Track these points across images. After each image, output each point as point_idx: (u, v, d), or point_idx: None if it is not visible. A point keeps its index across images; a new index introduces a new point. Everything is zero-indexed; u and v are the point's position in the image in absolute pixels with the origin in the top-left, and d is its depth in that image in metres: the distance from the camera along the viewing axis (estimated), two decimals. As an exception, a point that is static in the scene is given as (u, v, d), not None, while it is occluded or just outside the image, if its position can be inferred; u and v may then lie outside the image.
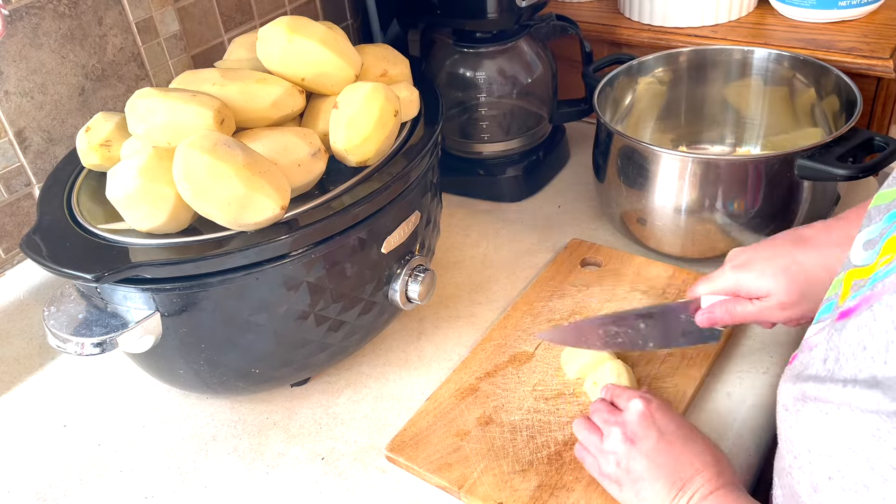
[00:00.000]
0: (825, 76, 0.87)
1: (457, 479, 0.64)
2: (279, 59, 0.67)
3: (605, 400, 0.65)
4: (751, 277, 0.63)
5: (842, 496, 0.42)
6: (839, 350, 0.43)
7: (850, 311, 0.44)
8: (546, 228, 0.95)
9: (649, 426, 0.59)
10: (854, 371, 0.41)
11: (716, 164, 0.78)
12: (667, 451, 0.58)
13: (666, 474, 0.57)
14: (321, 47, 0.67)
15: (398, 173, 0.67)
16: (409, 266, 0.72)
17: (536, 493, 0.62)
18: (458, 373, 0.74)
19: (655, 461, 0.57)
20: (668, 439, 0.58)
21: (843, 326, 0.44)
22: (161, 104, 0.61)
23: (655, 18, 1.05)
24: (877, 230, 0.46)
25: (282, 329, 0.66)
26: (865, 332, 0.41)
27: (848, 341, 0.43)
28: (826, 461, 0.43)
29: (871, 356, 0.40)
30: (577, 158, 1.07)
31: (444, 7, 0.92)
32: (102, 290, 0.63)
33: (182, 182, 0.58)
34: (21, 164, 0.80)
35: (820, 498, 0.44)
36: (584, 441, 0.63)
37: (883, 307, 0.41)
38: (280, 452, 0.70)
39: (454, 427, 0.69)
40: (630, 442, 0.59)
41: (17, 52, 0.76)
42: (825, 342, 0.45)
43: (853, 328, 0.43)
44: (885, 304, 0.40)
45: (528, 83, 0.99)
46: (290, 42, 0.66)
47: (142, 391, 0.78)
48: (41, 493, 0.69)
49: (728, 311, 0.65)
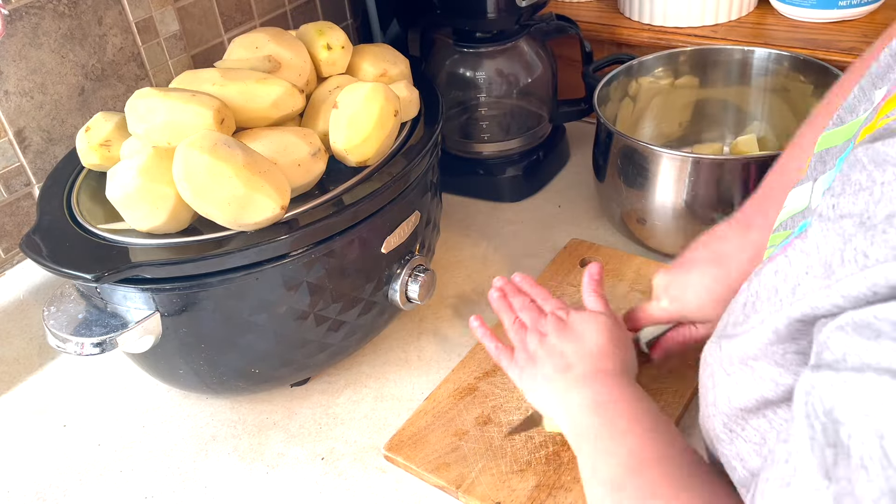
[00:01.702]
0: (825, 76, 0.87)
1: (455, 478, 0.64)
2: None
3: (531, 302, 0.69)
4: (692, 310, 0.64)
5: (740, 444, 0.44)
6: (756, 294, 0.45)
7: (772, 257, 0.45)
8: (546, 228, 0.95)
9: (558, 319, 0.64)
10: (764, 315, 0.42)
11: (716, 164, 0.78)
12: (565, 336, 0.62)
13: (557, 355, 0.61)
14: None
15: (398, 173, 0.67)
16: (409, 266, 0.72)
17: (534, 492, 0.62)
18: (457, 372, 0.74)
19: (553, 346, 0.62)
20: (572, 328, 0.63)
21: (762, 271, 0.45)
22: (161, 104, 0.61)
23: (655, 18, 1.05)
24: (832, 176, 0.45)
25: (282, 329, 0.66)
26: (780, 276, 0.42)
27: (764, 284, 0.44)
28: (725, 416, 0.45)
29: (780, 299, 0.41)
30: (577, 158, 1.07)
31: (444, 7, 0.92)
32: (102, 290, 0.63)
33: (182, 182, 0.58)
34: (21, 163, 0.80)
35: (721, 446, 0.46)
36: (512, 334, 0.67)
37: (796, 252, 0.41)
38: (280, 452, 0.70)
39: (452, 427, 0.69)
40: (540, 333, 0.64)
41: (17, 51, 0.76)
42: (746, 287, 0.47)
43: (770, 272, 0.44)
44: (798, 249, 0.41)
45: (528, 83, 0.99)
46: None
47: (142, 391, 0.78)
48: (41, 493, 0.69)
49: (682, 339, 0.67)
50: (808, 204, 0.46)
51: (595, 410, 0.56)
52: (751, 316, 0.44)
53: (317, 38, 0.74)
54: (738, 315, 0.46)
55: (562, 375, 0.60)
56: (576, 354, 0.61)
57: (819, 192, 0.46)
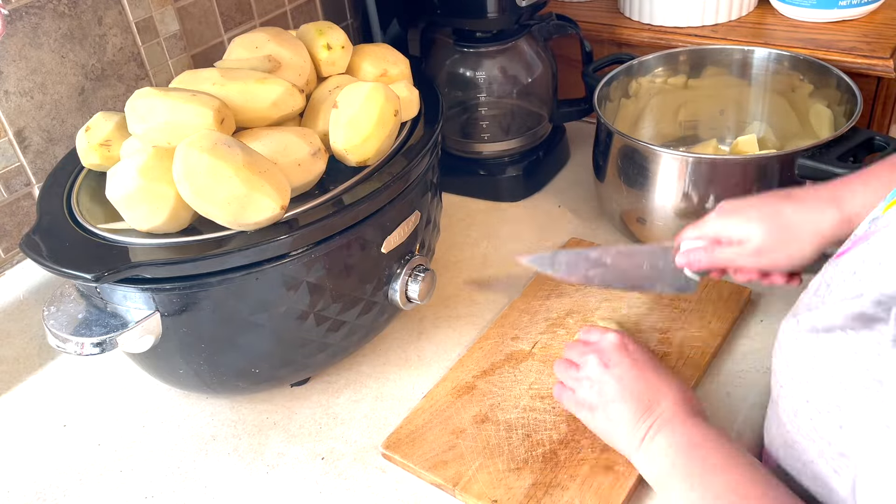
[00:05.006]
0: (825, 76, 0.87)
1: (452, 476, 0.64)
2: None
3: (580, 340, 0.69)
4: (734, 222, 0.65)
5: (817, 418, 0.46)
6: (832, 278, 0.47)
7: (845, 250, 0.47)
8: (546, 228, 0.95)
9: (623, 353, 0.63)
10: (842, 294, 0.44)
11: (716, 164, 0.78)
12: (638, 375, 0.61)
13: (635, 396, 0.60)
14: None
15: (398, 173, 0.67)
16: (409, 266, 0.72)
17: (531, 490, 0.62)
18: (455, 371, 0.74)
19: (626, 384, 0.61)
20: (640, 366, 0.62)
21: (838, 262, 0.47)
22: (161, 104, 0.61)
23: (655, 18, 1.05)
24: None
25: (282, 329, 0.66)
26: (858, 260, 0.44)
27: (841, 269, 0.46)
28: (804, 387, 0.47)
29: (859, 279, 0.43)
30: (577, 158, 1.07)
31: (444, 7, 0.92)
32: (102, 290, 0.63)
33: (182, 182, 0.58)
34: (21, 163, 0.80)
35: (799, 421, 0.48)
36: (561, 375, 0.66)
37: (877, 239, 0.43)
38: (280, 452, 0.70)
39: (450, 425, 0.69)
40: (604, 366, 0.63)
41: (17, 51, 0.76)
42: (820, 276, 0.49)
43: (847, 260, 0.46)
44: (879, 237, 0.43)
45: (528, 83, 0.99)
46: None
47: (142, 391, 0.78)
48: (41, 493, 0.69)
49: (706, 253, 0.67)
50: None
51: (686, 452, 0.56)
52: (826, 297, 0.46)
53: (317, 37, 0.74)
54: (811, 298, 0.48)
55: (646, 418, 0.59)
56: (656, 393, 0.60)
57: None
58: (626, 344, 0.64)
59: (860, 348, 0.43)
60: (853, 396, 0.43)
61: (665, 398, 0.60)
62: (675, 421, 0.58)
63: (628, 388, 0.61)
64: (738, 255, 0.65)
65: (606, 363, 0.63)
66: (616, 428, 0.61)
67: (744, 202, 0.65)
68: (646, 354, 0.64)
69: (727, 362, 0.73)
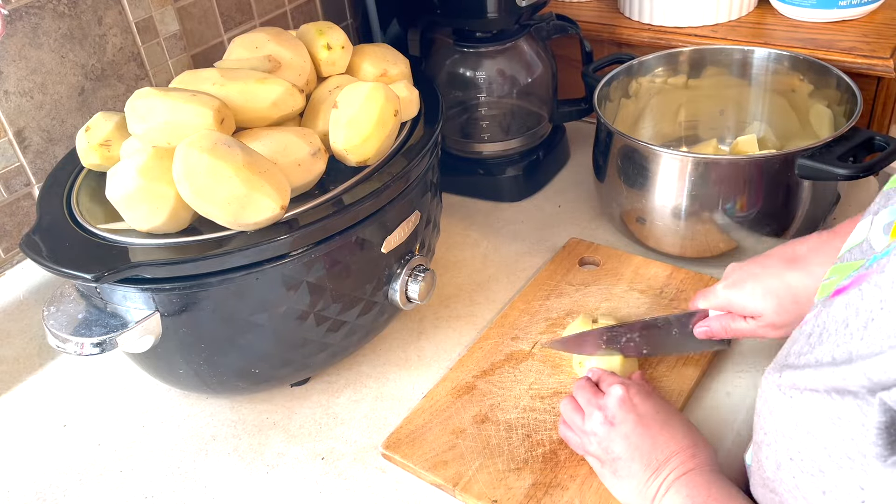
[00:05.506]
0: (825, 76, 0.87)
1: (452, 476, 0.64)
2: None
3: (590, 380, 0.67)
4: (741, 297, 0.65)
5: (800, 477, 0.44)
6: (824, 325, 0.44)
7: (842, 289, 0.45)
8: (546, 228, 0.95)
9: (628, 410, 0.61)
10: (832, 347, 0.42)
11: (716, 164, 0.78)
12: (644, 433, 0.60)
13: (643, 455, 0.59)
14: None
15: (398, 173, 0.67)
16: (409, 266, 0.72)
17: (531, 491, 0.62)
18: (455, 371, 0.74)
19: (633, 443, 0.59)
20: (646, 422, 0.60)
21: (832, 303, 0.44)
22: (161, 104, 0.61)
23: (655, 18, 1.05)
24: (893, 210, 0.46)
25: (282, 329, 0.66)
26: (851, 309, 0.42)
27: (833, 317, 0.44)
28: (788, 442, 0.45)
29: (850, 332, 0.41)
30: (577, 158, 1.07)
31: (444, 7, 0.92)
32: (102, 290, 0.63)
33: (182, 182, 0.58)
34: (21, 163, 0.80)
35: (781, 475, 0.46)
36: (567, 419, 0.65)
37: (871, 286, 0.41)
38: (280, 452, 0.70)
39: (450, 425, 0.69)
40: (609, 424, 0.61)
41: (17, 51, 0.76)
42: (813, 319, 0.46)
43: (840, 305, 0.43)
44: (874, 283, 0.41)
45: (528, 83, 0.99)
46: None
47: (142, 391, 0.78)
48: (41, 493, 0.69)
49: (724, 326, 0.68)
50: (865, 237, 0.46)
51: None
52: (816, 347, 0.44)
53: (317, 37, 0.74)
54: (802, 345, 0.46)
55: (656, 477, 0.58)
56: (664, 450, 0.59)
57: (879, 225, 0.46)
58: (632, 397, 0.62)
59: (844, 415, 0.40)
60: (837, 465, 0.41)
61: (675, 455, 0.58)
62: (685, 478, 0.56)
63: (636, 446, 0.59)
64: (757, 329, 0.65)
65: (612, 421, 0.61)
66: (626, 485, 0.59)
67: (748, 272, 0.65)
68: (652, 406, 0.62)
69: (727, 362, 0.73)
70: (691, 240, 0.82)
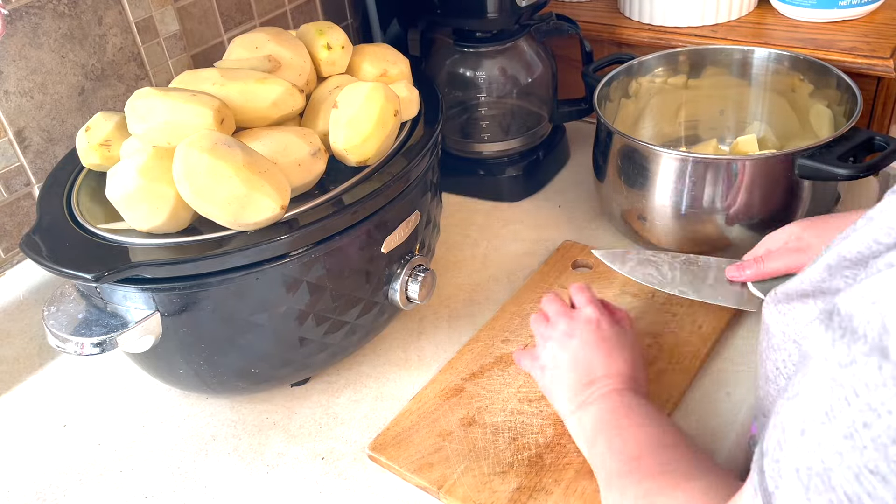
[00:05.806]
0: (825, 76, 0.87)
1: (437, 479, 0.64)
2: None
3: (559, 296, 0.71)
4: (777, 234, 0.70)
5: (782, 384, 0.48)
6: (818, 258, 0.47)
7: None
8: (546, 228, 0.95)
9: (590, 329, 0.65)
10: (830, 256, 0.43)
11: (716, 164, 0.78)
12: (594, 351, 0.63)
13: (584, 368, 0.63)
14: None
15: (398, 173, 0.67)
16: (409, 266, 0.72)
17: (515, 494, 0.62)
18: (444, 373, 0.74)
19: (579, 356, 0.64)
20: (600, 344, 0.64)
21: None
22: (161, 104, 0.61)
23: (655, 18, 1.05)
24: None
25: (282, 329, 0.66)
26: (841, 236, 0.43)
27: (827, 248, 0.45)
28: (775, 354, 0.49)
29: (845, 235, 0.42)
30: (577, 158, 1.07)
31: (444, 7, 0.92)
32: (102, 290, 0.63)
33: (182, 182, 0.58)
34: (21, 163, 0.80)
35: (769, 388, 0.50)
36: (533, 326, 0.69)
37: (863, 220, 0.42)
38: (280, 452, 0.70)
39: (437, 427, 0.69)
40: (568, 336, 0.65)
41: (17, 51, 0.76)
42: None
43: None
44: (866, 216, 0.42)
45: (528, 83, 0.99)
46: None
47: (142, 391, 0.78)
48: (41, 493, 0.69)
49: (755, 264, 0.71)
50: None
51: (608, 418, 0.59)
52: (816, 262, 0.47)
53: (317, 37, 0.74)
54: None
55: (586, 390, 0.62)
56: (602, 370, 0.62)
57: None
58: (600, 322, 0.65)
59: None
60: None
61: (611, 376, 0.62)
62: (612, 394, 0.60)
63: (580, 359, 0.63)
64: (783, 255, 0.68)
65: (571, 333, 0.65)
66: (558, 391, 0.64)
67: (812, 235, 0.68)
68: (615, 335, 0.65)
69: (726, 362, 0.73)
70: (692, 240, 0.82)
